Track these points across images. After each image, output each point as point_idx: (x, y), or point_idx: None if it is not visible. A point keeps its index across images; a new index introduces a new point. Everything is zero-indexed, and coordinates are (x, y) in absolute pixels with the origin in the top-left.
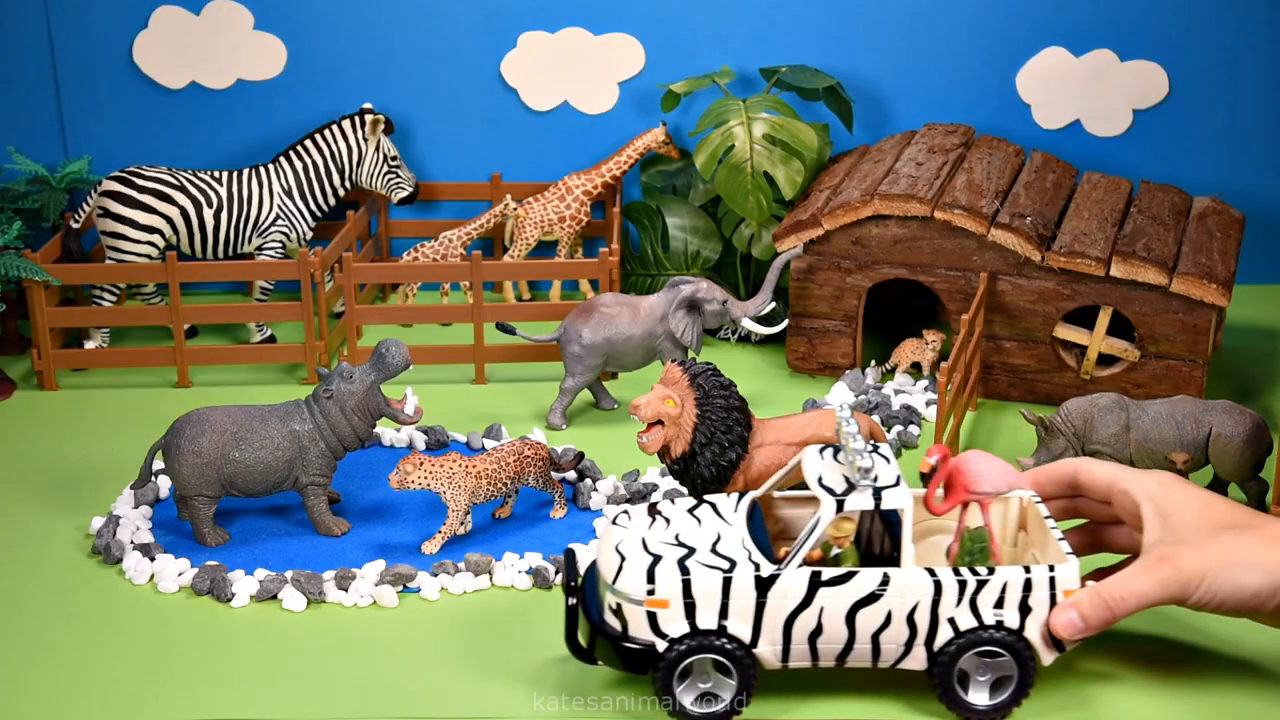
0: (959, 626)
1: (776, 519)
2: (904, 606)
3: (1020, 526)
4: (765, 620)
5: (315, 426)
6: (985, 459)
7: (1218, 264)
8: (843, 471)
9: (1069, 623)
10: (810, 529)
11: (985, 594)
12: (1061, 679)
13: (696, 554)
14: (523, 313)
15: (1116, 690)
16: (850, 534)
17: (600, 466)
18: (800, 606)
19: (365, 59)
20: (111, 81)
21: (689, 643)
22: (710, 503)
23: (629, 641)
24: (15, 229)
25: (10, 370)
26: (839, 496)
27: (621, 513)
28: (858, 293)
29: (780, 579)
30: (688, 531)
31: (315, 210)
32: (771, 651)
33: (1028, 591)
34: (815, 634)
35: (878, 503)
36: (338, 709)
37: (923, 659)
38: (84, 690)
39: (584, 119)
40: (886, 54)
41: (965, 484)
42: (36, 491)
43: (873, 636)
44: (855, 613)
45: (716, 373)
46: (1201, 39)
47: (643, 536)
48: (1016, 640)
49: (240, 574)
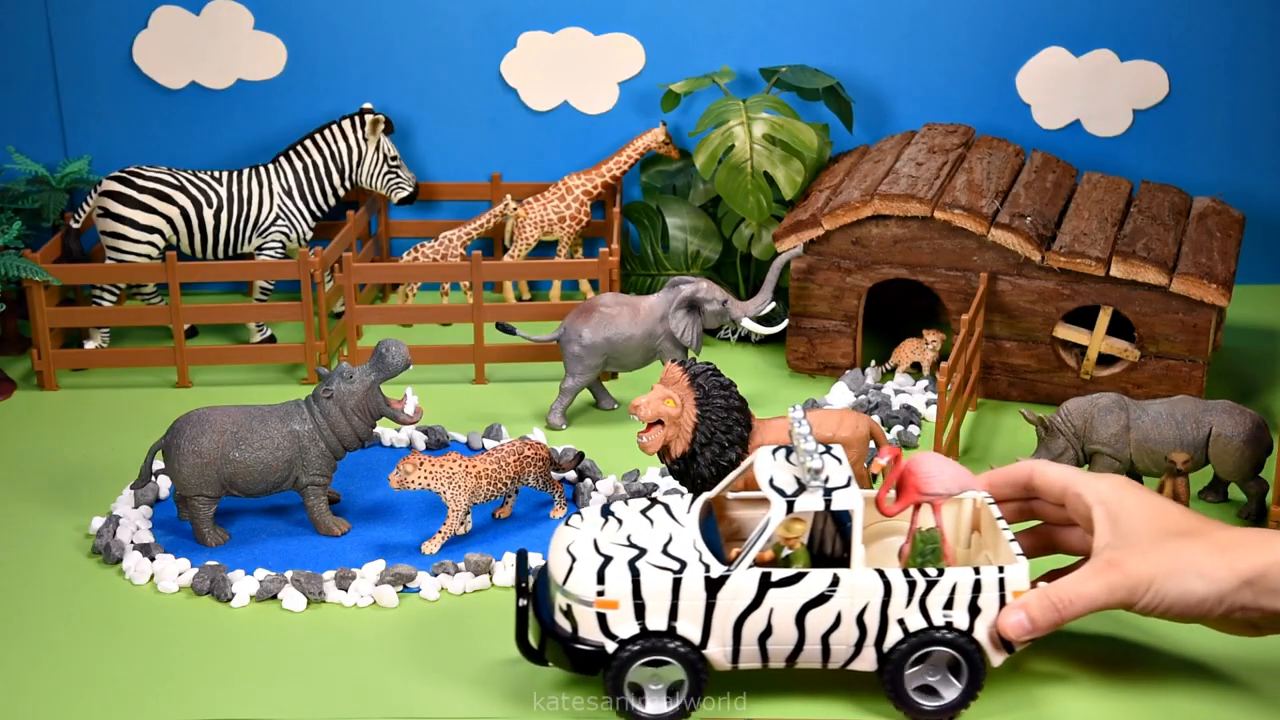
0: (908, 627)
1: (730, 520)
2: (854, 607)
3: (974, 528)
4: (715, 621)
5: (315, 426)
6: (937, 460)
7: (1218, 264)
8: (794, 473)
9: (1018, 624)
10: (760, 530)
11: (935, 595)
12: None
13: (647, 555)
14: (523, 313)
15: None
16: (801, 535)
17: (600, 466)
18: (750, 607)
19: (365, 59)
20: (111, 81)
21: (639, 644)
22: (664, 504)
23: (579, 643)
24: (15, 229)
25: (10, 370)
26: (789, 497)
27: (574, 514)
28: (858, 293)
29: (730, 580)
30: (639, 533)
31: (315, 210)
32: (721, 652)
33: (977, 593)
34: (765, 635)
35: (828, 504)
36: (338, 709)
37: (872, 660)
38: (84, 690)
39: (584, 119)
40: (886, 54)
41: (917, 485)
42: (36, 491)
43: (822, 637)
44: (805, 614)
45: (716, 373)
46: (1201, 39)
47: (594, 538)
48: (966, 641)
49: (240, 574)
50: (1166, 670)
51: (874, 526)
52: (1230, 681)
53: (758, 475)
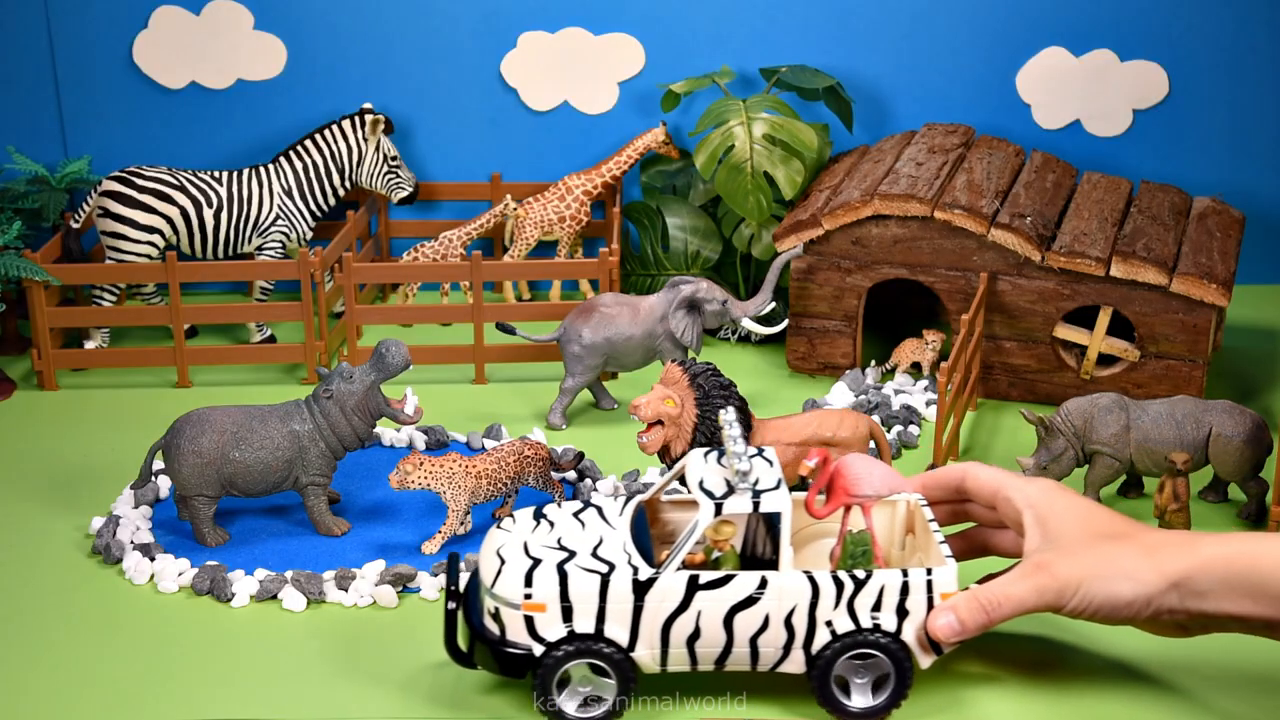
0: (836, 629)
1: (664, 523)
2: (782, 610)
3: (908, 530)
4: (643, 624)
5: (315, 426)
6: (866, 462)
7: (1218, 264)
8: (724, 475)
9: (946, 625)
10: (689, 532)
11: (863, 597)
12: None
13: (576, 558)
14: (523, 313)
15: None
16: (730, 537)
17: (600, 466)
18: (678, 610)
19: (365, 59)
20: (111, 81)
21: (566, 647)
22: (597, 506)
23: (507, 646)
24: (15, 229)
25: (10, 370)
26: (718, 500)
27: (507, 517)
28: (858, 293)
29: (658, 582)
30: (570, 535)
31: (315, 210)
32: (650, 655)
33: (905, 595)
34: (693, 637)
35: (757, 506)
36: (338, 709)
37: (801, 662)
38: (84, 690)
39: (584, 119)
40: (886, 54)
41: (846, 487)
42: (36, 491)
43: (751, 640)
44: (733, 616)
45: (716, 373)
46: (1201, 39)
47: (524, 540)
48: (893, 643)
49: (240, 574)
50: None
51: (809, 529)
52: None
53: (688, 478)
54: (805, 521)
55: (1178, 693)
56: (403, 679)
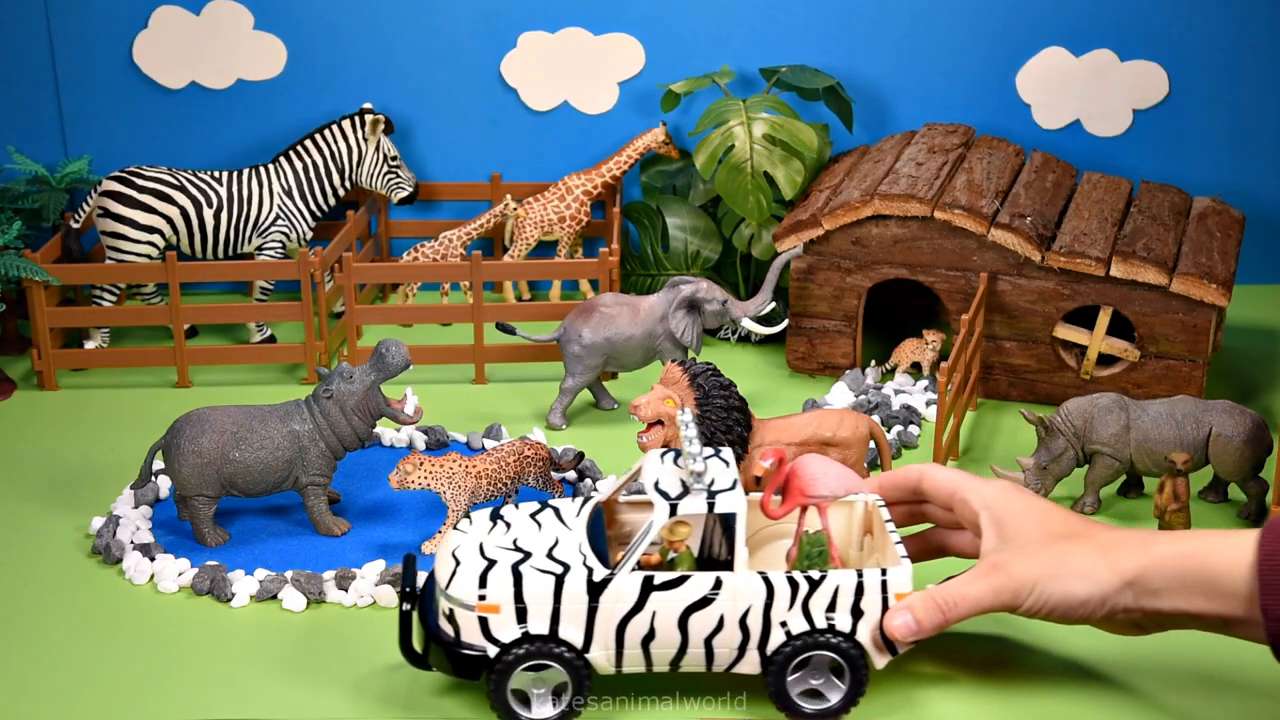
0: (791, 630)
1: (622, 524)
2: (736, 610)
3: (866, 530)
4: (598, 625)
5: (315, 426)
6: (822, 462)
7: (1218, 264)
8: (680, 476)
9: (903, 625)
10: (643, 533)
11: (817, 598)
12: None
13: (531, 559)
14: (523, 313)
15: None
16: (686, 538)
17: (600, 466)
18: (633, 611)
19: (365, 59)
20: (111, 81)
21: (520, 649)
22: (554, 507)
23: (462, 647)
24: (15, 229)
25: (10, 370)
26: (672, 500)
27: (464, 518)
28: (858, 293)
29: (612, 583)
30: (526, 536)
31: (315, 210)
32: (605, 656)
33: (860, 595)
34: (648, 638)
35: (711, 507)
36: (338, 709)
37: (756, 663)
38: (84, 690)
39: (584, 119)
40: (886, 54)
41: (801, 488)
42: (36, 491)
43: (706, 640)
44: (688, 617)
45: (716, 373)
46: (1201, 39)
47: (480, 541)
48: (848, 644)
49: (240, 574)
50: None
51: (767, 530)
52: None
53: (644, 478)
54: (763, 523)
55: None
56: (401, 679)
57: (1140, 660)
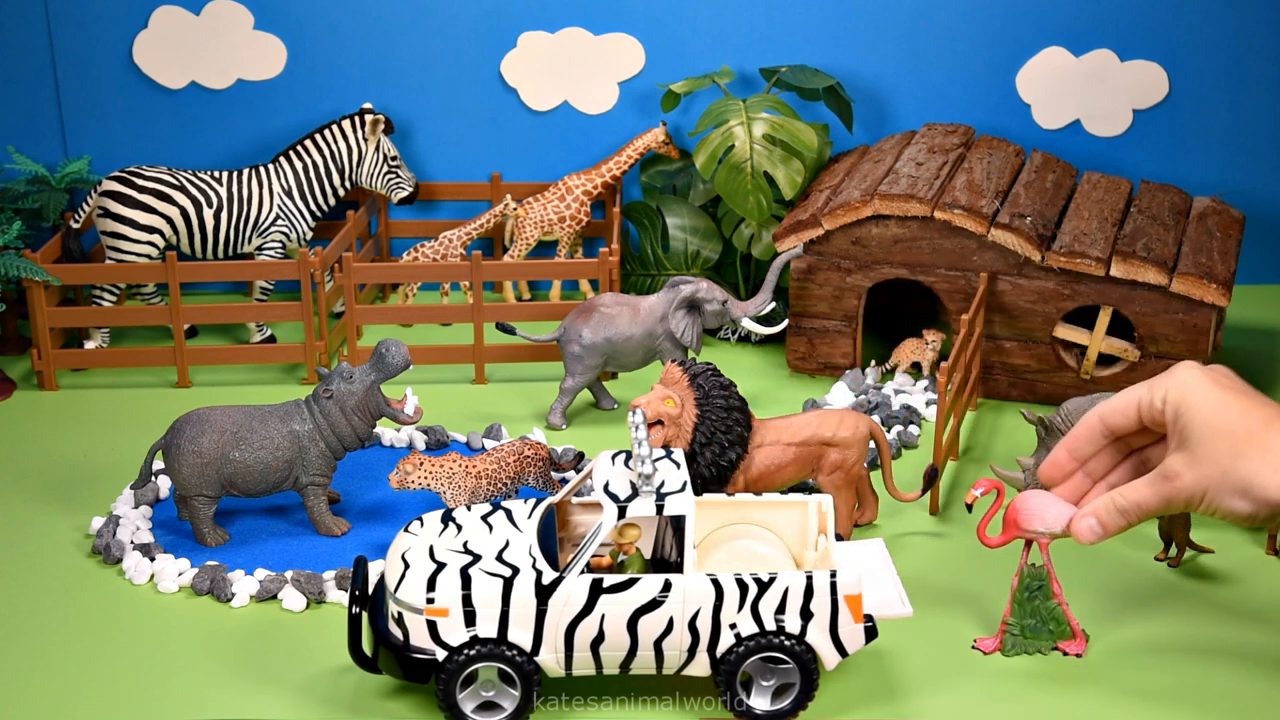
0: (740, 632)
1: (574, 526)
2: (685, 613)
3: (821, 531)
4: (547, 628)
5: (315, 426)
6: (1042, 498)
7: (1218, 264)
8: (630, 478)
9: (1088, 528)
10: (592, 535)
11: (766, 600)
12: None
13: (481, 561)
14: (523, 313)
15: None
16: (635, 540)
17: None
18: (582, 614)
19: (365, 59)
20: (111, 81)
21: (469, 652)
22: (506, 509)
23: (410, 651)
24: (15, 229)
25: (10, 370)
26: (621, 503)
27: (415, 520)
28: (858, 293)
29: (561, 586)
30: (476, 539)
31: (315, 210)
32: (554, 659)
33: (809, 597)
34: (597, 641)
35: (660, 509)
36: (337, 709)
37: (706, 665)
38: (84, 690)
39: (584, 119)
40: (886, 54)
41: (1019, 521)
42: (36, 491)
43: (655, 643)
44: (637, 619)
45: (716, 373)
46: (1201, 39)
47: (430, 544)
48: (798, 646)
49: (240, 574)
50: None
51: (721, 531)
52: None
53: (594, 480)
54: (717, 524)
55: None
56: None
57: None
